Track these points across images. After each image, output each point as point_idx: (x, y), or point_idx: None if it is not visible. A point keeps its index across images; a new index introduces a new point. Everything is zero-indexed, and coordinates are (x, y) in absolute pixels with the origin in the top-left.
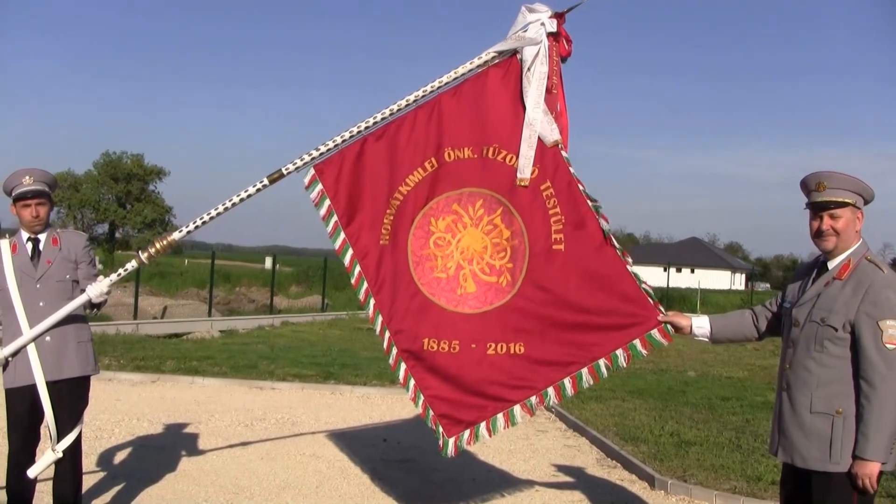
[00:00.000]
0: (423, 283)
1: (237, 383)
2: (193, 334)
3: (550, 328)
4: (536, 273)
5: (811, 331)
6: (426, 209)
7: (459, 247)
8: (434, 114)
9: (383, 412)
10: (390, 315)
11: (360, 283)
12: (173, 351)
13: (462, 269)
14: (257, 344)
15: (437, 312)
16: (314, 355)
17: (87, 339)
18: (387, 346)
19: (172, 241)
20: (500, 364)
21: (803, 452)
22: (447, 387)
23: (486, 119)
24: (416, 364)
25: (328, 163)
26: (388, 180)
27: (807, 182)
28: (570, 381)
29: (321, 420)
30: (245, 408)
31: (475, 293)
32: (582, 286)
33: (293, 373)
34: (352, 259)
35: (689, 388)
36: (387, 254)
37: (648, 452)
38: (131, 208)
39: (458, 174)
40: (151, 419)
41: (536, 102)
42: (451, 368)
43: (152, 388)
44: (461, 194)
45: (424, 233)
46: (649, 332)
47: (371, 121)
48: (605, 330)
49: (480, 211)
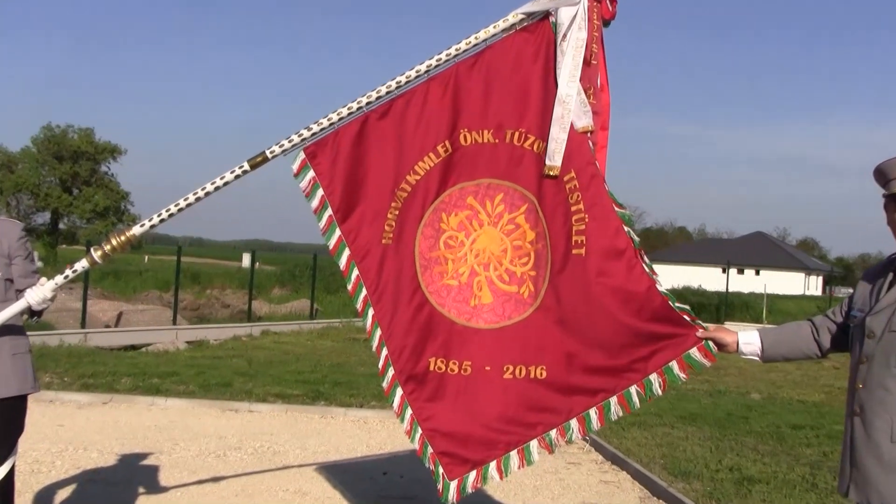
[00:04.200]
0: (431, 292)
1: (207, 405)
2: (154, 346)
3: (575, 349)
4: (556, 281)
5: (891, 343)
6: (437, 203)
7: (474, 249)
8: (449, 88)
9: (383, 440)
10: (390, 329)
11: (358, 290)
12: (129, 366)
13: (477, 276)
14: (232, 357)
15: (446, 327)
16: (301, 371)
17: (25, 351)
18: (382, 366)
19: (132, 236)
20: (518, 391)
21: (882, 489)
22: (452, 418)
23: (510, 96)
24: (417, 389)
25: (322, 145)
26: (393, 167)
27: (883, 170)
28: (596, 412)
29: (308, 449)
30: (217, 434)
31: (491, 305)
32: (605, 294)
33: (275, 392)
34: (349, 261)
35: (752, 413)
36: (390, 255)
37: (703, 491)
38: (79, 193)
39: (476, 161)
40: (102, 449)
41: (572, 76)
42: (459, 395)
43: (103, 412)
44: (478, 186)
45: (434, 231)
46: (687, 351)
47: (374, 94)
48: (636, 351)
49: (500, 207)
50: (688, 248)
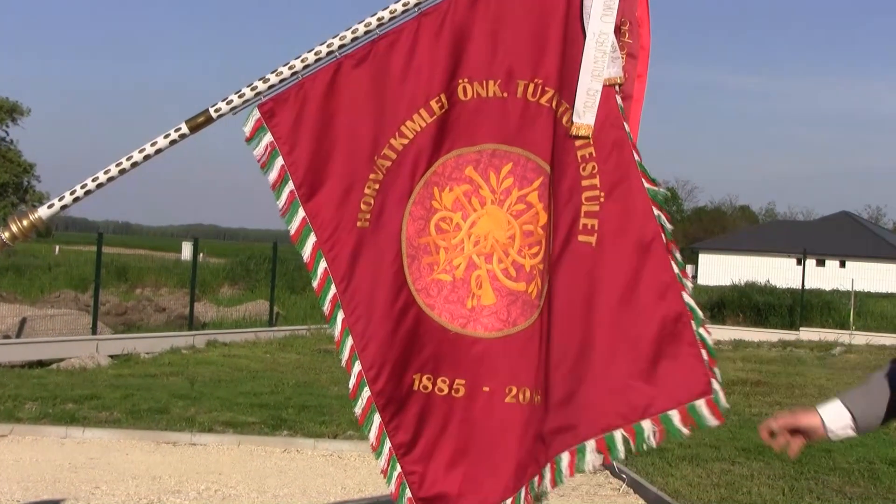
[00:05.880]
0: (418, 290)
1: (137, 437)
2: (68, 361)
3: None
4: (551, 275)
5: None
6: (429, 174)
7: (473, 235)
8: (446, 26)
9: (363, 478)
10: (365, 337)
11: (326, 287)
12: (36, 387)
13: (476, 270)
14: (169, 376)
15: (436, 335)
16: (257, 392)
17: None
18: (355, 386)
19: (38, 219)
20: (521, 419)
21: None
22: (438, 453)
23: (524, 38)
24: (398, 414)
25: (281, 101)
26: (372, 128)
27: None
28: (568, 458)
29: (268, 492)
30: (150, 474)
31: (493, 307)
32: (611, 304)
33: (225, 419)
34: (314, 249)
35: (836, 445)
36: (367, 242)
37: None
38: None
39: (478, 121)
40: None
41: (608, 7)
42: (449, 422)
43: (1, 447)
44: (480, 153)
45: (425, 211)
46: (693, 402)
47: (349, 35)
48: (633, 383)
49: (508, 181)
50: (752, 234)
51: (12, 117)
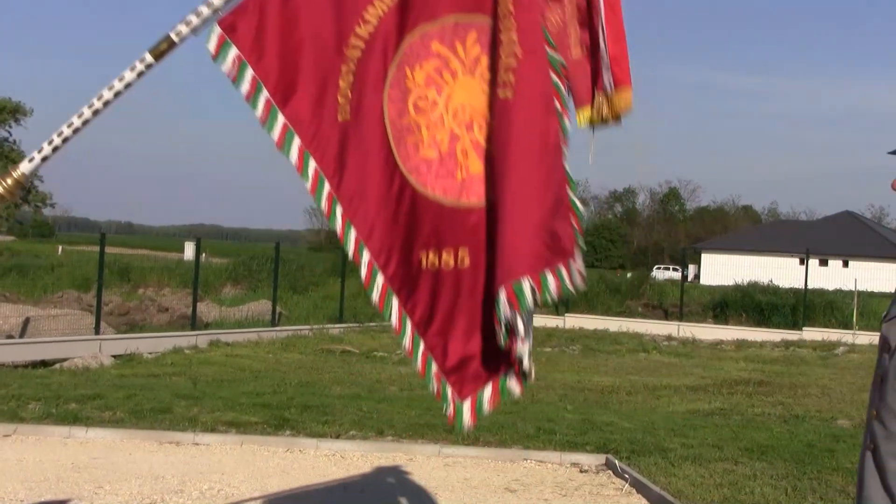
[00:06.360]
0: (409, 170)
1: (140, 437)
2: (72, 361)
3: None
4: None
5: None
6: (399, 56)
7: (451, 107)
8: None
9: (366, 479)
10: (369, 225)
11: (320, 187)
12: (39, 387)
13: (459, 140)
14: (172, 376)
15: (434, 211)
16: (260, 392)
17: None
18: (367, 276)
19: (22, 175)
20: None
21: None
22: (455, 324)
23: None
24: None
25: (240, 12)
26: (335, 21)
27: None
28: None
29: (270, 492)
30: (153, 474)
31: (481, 174)
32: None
33: (227, 419)
34: (300, 152)
35: (839, 444)
36: (352, 134)
37: None
38: None
39: None
40: (2, 497)
41: None
42: (459, 294)
43: (4, 447)
44: (443, 27)
45: (402, 93)
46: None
47: None
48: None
49: (475, 49)
50: (755, 233)
51: (15, 118)
